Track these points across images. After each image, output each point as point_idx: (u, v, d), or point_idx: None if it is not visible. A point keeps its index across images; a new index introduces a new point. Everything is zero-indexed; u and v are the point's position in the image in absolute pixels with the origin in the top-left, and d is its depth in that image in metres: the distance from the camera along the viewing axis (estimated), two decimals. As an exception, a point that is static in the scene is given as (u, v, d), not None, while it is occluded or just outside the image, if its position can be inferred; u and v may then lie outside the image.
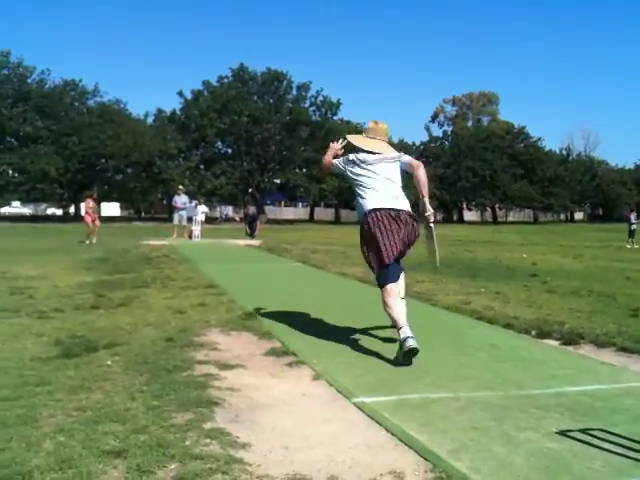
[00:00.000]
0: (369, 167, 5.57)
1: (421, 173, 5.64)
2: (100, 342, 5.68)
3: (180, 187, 27.40)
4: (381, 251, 5.34)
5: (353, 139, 5.93)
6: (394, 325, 5.30)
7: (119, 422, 3.65)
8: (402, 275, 5.75)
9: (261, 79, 56.63)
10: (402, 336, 5.09)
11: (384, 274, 5.45)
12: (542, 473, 3.07)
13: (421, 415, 3.89)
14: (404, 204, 5.55)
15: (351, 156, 5.71)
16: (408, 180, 5.82)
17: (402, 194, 5.64)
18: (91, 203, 21.90)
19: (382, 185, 5.52)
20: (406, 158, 5.78)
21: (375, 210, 5.36)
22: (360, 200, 5.56)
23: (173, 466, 3.06)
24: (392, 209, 5.38)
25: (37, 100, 47.38)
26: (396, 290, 5.47)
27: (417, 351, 5.02)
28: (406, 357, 5.05)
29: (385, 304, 5.40)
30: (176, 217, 25.02)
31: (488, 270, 13.92)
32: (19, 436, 3.42)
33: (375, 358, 5.37)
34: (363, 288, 10.32)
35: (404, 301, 5.67)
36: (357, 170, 5.63)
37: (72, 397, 4.13)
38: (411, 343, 5.00)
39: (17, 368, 4.85)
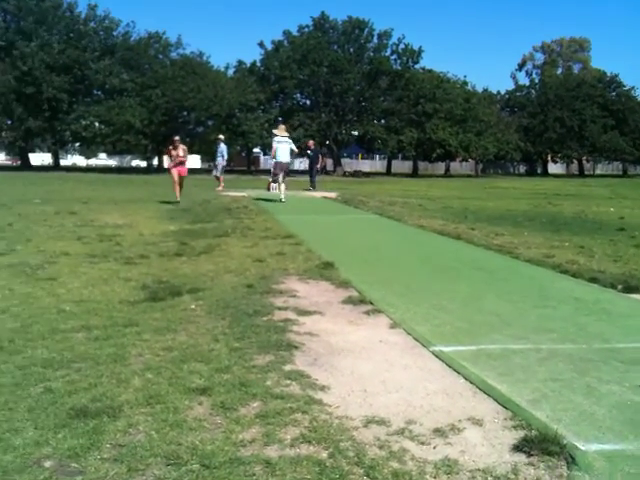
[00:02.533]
0: (280, 142, 17.23)
1: (294, 152, 18.23)
2: (184, 287, 5.89)
3: (220, 136, 26.04)
4: (276, 172, 17.49)
5: (274, 131, 18.19)
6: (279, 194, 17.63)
7: (203, 362, 3.79)
8: (284, 181, 17.59)
9: (342, 28, 55.65)
10: (281, 197, 17.32)
11: (274, 177, 17.99)
12: (625, 425, 3.00)
13: (501, 365, 3.85)
14: (287, 159, 17.43)
15: (275, 138, 17.44)
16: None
17: (288, 154, 17.39)
18: (173, 152, 16.91)
19: (283, 150, 17.21)
20: (292, 145, 17.66)
21: (279, 161, 17.24)
22: (277, 153, 17.20)
23: (255, 404, 3.17)
24: (283, 161, 17.30)
25: (123, 53, 48.45)
26: (279, 184, 17.63)
27: (283, 201, 17.16)
28: (281, 202, 16.95)
29: (272, 187, 19.78)
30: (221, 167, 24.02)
31: (573, 224, 13.47)
32: (110, 373, 3.61)
33: (453, 309, 5.33)
34: (441, 240, 10.21)
35: (284, 185, 17.50)
36: (275, 144, 17.28)
37: (159, 338, 4.31)
38: (283, 199, 17.16)
39: (107, 310, 5.09)
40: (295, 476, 2.47)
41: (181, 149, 16.72)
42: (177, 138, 17.18)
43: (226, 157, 24.52)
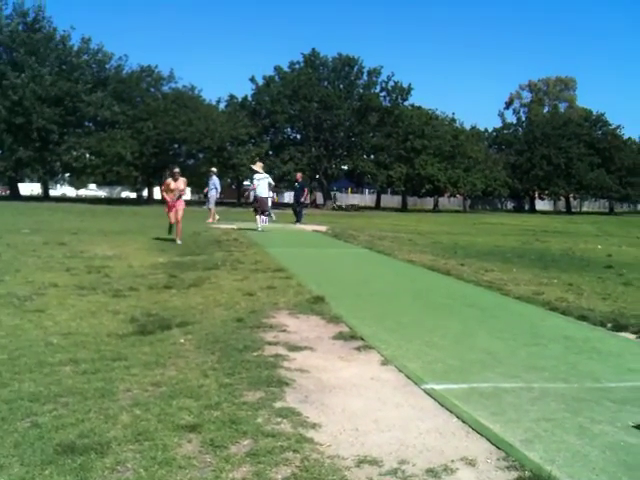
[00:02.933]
0: (260, 180, 19.68)
1: (271, 186, 20.66)
2: (173, 320, 5.84)
3: (212, 169, 25.99)
4: (258, 207, 19.67)
5: (254, 167, 20.95)
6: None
7: (193, 398, 3.74)
8: (265, 216, 20.50)
9: (332, 64, 56.42)
10: (259, 227, 19.28)
11: (258, 214, 19.61)
12: (619, 467, 2.98)
13: (493, 404, 3.83)
14: (266, 194, 19.87)
15: (255, 175, 20.10)
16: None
17: (266, 189, 19.76)
18: (173, 185, 14.68)
19: (262, 186, 19.59)
20: (270, 179, 20.34)
21: (260, 196, 19.61)
22: (257, 189, 19.67)
23: (246, 442, 3.12)
24: (263, 196, 19.69)
25: (115, 85, 48.68)
26: (259, 217, 19.57)
27: (262, 231, 18.99)
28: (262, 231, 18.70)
29: (262, 220, 19.87)
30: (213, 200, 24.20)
31: (561, 261, 13.54)
32: (97, 408, 3.55)
33: (444, 346, 5.32)
34: (431, 276, 10.22)
35: (266, 218, 20.61)
36: (256, 182, 19.75)
37: (147, 372, 4.26)
38: (259, 229, 19.00)
39: (95, 343, 5.03)
40: (287, 517, 2.42)
41: (182, 182, 14.89)
42: (177, 170, 15.11)
43: (219, 189, 24.59)
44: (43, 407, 3.53)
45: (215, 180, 24.36)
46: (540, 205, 75.74)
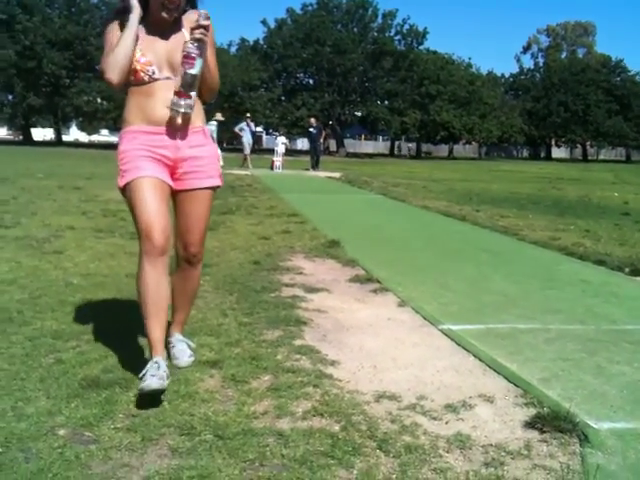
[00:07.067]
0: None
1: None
2: (191, 263, 5.86)
3: (247, 115, 26.38)
4: None
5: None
6: None
7: (213, 336, 3.79)
8: None
9: (346, 7, 55.19)
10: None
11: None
12: (636, 404, 3.00)
13: (510, 344, 3.85)
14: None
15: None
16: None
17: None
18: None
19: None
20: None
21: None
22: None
23: (266, 378, 3.17)
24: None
25: (124, 29, 48.14)
26: None
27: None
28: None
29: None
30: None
31: (577, 208, 13.44)
32: (121, 346, 3.60)
33: (459, 289, 5.32)
34: (446, 221, 10.19)
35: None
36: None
37: (167, 312, 4.29)
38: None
39: (114, 284, 5.08)
40: (308, 448, 2.47)
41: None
42: None
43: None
44: (66, 344, 3.59)
45: (251, 125, 24.60)
46: (556, 153, 74.81)
